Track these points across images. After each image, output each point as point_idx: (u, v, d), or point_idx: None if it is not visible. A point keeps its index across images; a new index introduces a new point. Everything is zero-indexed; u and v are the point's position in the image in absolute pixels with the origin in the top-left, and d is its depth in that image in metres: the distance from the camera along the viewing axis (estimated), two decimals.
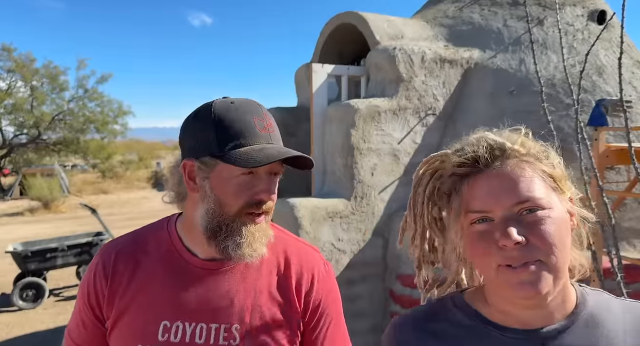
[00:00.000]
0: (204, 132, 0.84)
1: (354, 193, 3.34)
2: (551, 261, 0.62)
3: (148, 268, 0.90)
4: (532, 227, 0.63)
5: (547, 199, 0.64)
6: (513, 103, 3.61)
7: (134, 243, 0.94)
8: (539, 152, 0.70)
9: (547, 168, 0.68)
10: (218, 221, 0.85)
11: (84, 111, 20.18)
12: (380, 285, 3.50)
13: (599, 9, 4.09)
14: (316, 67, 3.69)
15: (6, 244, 6.66)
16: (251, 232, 0.85)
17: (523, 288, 0.62)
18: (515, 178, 0.65)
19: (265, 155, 0.81)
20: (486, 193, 0.66)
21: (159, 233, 0.95)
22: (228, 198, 0.84)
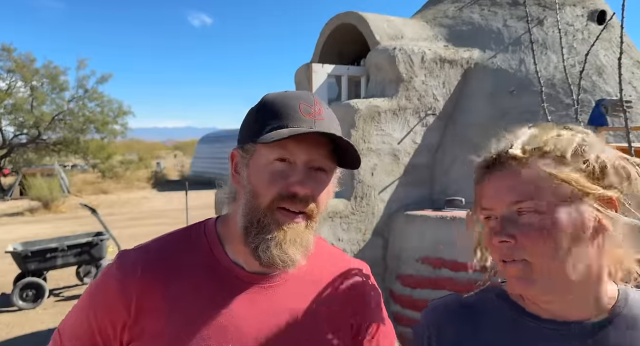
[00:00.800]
0: (249, 119, 0.81)
1: (354, 193, 3.34)
2: (539, 262, 0.65)
3: (183, 284, 0.77)
4: (524, 227, 0.65)
5: (549, 201, 0.65)
6: (513, 103, 3.61)
7: (162, 254, 0.81)
8: (564, 151, 0.67)
9: (563, 170, 0.66)
10: (251, 216, 0.76)
11: (84, 111, 20.19)
12: (380, 285, 3.50)
13: (599, 9, 4.10)
14: (316, 67, 3.69)
15: (6, 244, 6.66)
16: (283, 230, 0.75)
17: (511, 283, 0.68)
18: (518, 179, 0.67)
19: (291, 132, 0.72)
20: (493, 192, 0.70)
21: (194, 240, 0.83)
22: (261, 187, 0.75)
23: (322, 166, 0.78)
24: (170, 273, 0.78)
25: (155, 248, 0.82)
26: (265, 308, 0.79)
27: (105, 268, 0.82)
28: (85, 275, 6.41)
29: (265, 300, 0.79)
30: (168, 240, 0.84)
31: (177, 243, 0.83)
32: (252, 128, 0.78)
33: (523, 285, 0.67)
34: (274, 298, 0.80)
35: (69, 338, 0.82)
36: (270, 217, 0.75)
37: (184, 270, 0.79)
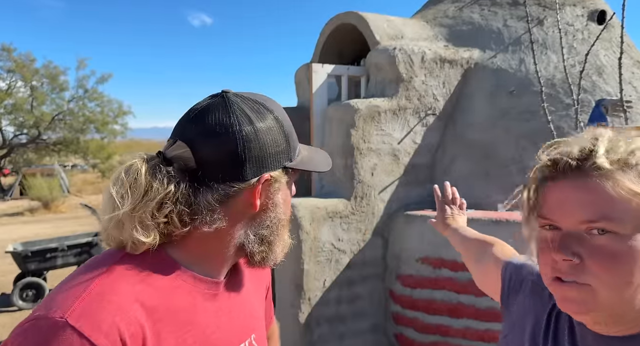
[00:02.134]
0: (277, 138, 0.76)
1: (354, 193, 3.34)
2: (604, 290, 0.58)
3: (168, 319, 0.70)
4: (594, 249, 0.58)
5: (626, 224, 0.56)
6: (513, 103, 3.61)
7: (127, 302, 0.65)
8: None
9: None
10: (277, 232, 0.82)
11: (84, 111, 20.18)
12: (380, 285, 3.50)
13: (599, 9, 4.09)
14: (316, 67, 3.69)
15: (6, 244, 6.66)
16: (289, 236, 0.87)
17: (564, 304, 0.61)
18: (592, 194, 0.58)
19: (325, 160, 0.88)
20: (557, 202, 0.61)
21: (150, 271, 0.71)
22: (289, 206, 0.84)
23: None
24: (145, 313, 0.66)
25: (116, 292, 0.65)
26: (226, 308, 0.82)
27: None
28: None
29: (225, 302, 0.82)
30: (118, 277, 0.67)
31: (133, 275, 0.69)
32: (281, 151, 0.77)
33: (577, 310, 0.60)
34: (230, 298, 0.83)
35: None
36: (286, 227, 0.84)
37: (157, 302, 0.69)
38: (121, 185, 0.70)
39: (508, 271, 0.92)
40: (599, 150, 0.59)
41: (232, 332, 0.81)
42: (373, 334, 3.49)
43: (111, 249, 0.73)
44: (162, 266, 0.72)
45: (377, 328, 3.50)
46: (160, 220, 0.70)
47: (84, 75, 20.33)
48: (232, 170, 0.72)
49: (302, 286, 3.15)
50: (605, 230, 0.57)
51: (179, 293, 0.72)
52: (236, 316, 0.83)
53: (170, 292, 0.71)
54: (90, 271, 0.68)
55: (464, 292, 3.10)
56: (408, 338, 3.34)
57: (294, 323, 3.19)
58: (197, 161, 0.71)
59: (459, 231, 1.33)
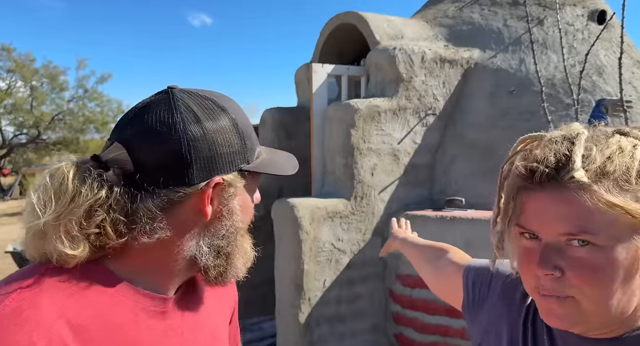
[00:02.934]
0: (230, 139, 0.68)
1: (354, 193, 3.34)
2: (587, 302, 0.57)
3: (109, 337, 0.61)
4: (575, 262, 0.57)
5: (606, 236, 0.55)
6: (513, 103, 3.61)
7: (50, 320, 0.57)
8: (627, 170, 0.56)
9: (624, 199, 0.55)
10: (234, 242, 0.73)
11: (84, 111, 20.20)
12: (380, 285, 3.50)
13: (599, 9, 4.09)
14: (316, 67, 3.69)
15: (6, 244, 6.66)
16: (251, 245, 0.78)
17: (549, 318, 0.61)
18: (570, 206, 0.56)
19: (286, 160, 0.78)
20: (535, 213, 0.59)
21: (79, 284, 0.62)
22: (248, 214, 0.74)
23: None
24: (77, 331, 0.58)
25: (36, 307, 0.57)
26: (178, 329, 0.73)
27: None
28: None
29: (174, 321, 0.72)
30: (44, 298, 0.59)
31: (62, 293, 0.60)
32: (236, 153, 0.69)
33: (561, 324, 0.60)
34: (180, 316, 0.74)
35: None
36: (246, 238, 0.77)
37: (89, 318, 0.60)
38: (44, 191, 0.61)
39: (470, 277, 0.89)
40: (576, 160, 0.56)
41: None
42: (373, 334, 3.49)
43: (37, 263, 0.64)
44: (97, 279, 0.63)
45: (377, 328, 3.50)
46: (90, 230, 0.61)
47: (84, 75, 20.37)
48: (176, 172, 0.64)
49: (302, 286, 3.15)
50: (585, 241, 0.55)
51: (118, 309, 0.63)
52: (191, 338, 0.73)
53: (106, 308, 0.62)
54: (7, 286, 0.59)
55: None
56: (408, 338, 3.34)
57: (294, 323, 3.19)
58: (134, 163, 0.63)
59: (408, 240, 1.27)
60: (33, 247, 0.62)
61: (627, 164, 0.56)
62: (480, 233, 3.02)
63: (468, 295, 0.87)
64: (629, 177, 0.55)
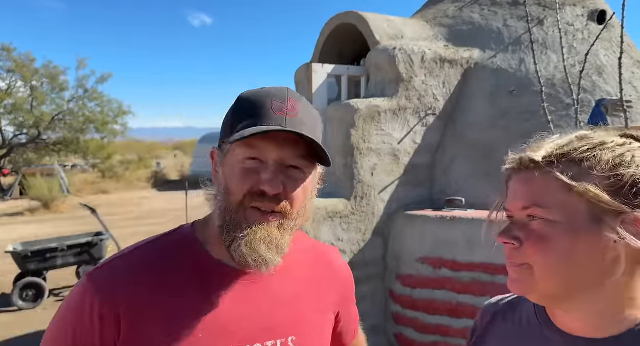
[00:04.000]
0: (226, 119, 0.81)
1: (354, 193, 3.34)
2: (539, 269, 0.64)
3: (173, 292, 0.76)
4: (531, 233, 0.65)
5: (559, 213, 0.62)
6: (513, 103, 3.61)
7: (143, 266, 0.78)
8: (594, 163, 0.61)
9: (591, 182, 0.60)
10: (224, 214, 0.76)
11: (84, 111, 20.17)
12: (380, 285, 3.50)
13: (599, 9, 4.09)
14: (316, 67, 3.69)
15: (6, 244, 6.66)
16: (253, 229, 0.75)
17: (511, 285, 0.68)
18: (531, 184, 0.65)
19: (255, 130, 0.72)
20: (512, 194, 0.69)
21: (173, 247, 0.81)
22: (233, 184, 0.76)
23: (295, 164, 0.77)
24: (156, 283, 0.76)
25: (136, 261, 0.79)
26: (256, 302, 0.80)
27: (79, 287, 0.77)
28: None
29: (255, 294, 0.81)
30: (145, 251, 0.80)
31: (158, 252, 0.80)
32: (226, 128, 0.79)
33: (520, 289, 0.67)
34: (263, 292, 0.82)
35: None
36: (242, 215, 0.75)
37: (171, 278, 0.77)
38: None
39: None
40: (539, 147, 0.67)
41: (259, 325, 0.79)
42: (373, 334, 3.49)
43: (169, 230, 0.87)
44: (187, 248, 0.82)
45: (377, 328, 3.50)
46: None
47: (84, 75, 20.32)
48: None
49: None
50: (538, 216, 0.64)
51: (199, 274, 0.79)
52: (269, 311, 0.81)
53: (189, 272, 0.78)
54: (134, 245, 0.83)
55: (464, 292, 3.10)
56: (408, 338, 3.34)
57: None
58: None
59: None
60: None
61: (597, 156, 0.62)
62: (481, 233, 3.02)
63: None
64: (595, 166, 0.61)
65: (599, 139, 0.65)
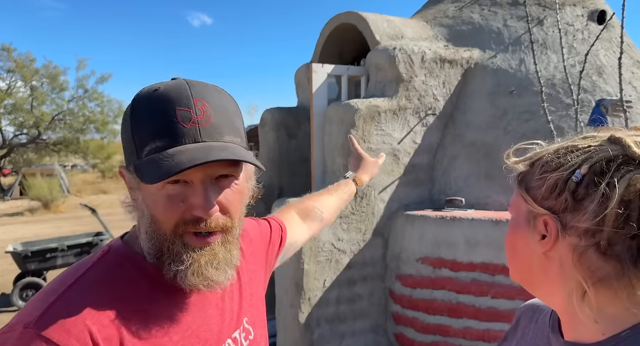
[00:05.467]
0: (125, 133, 0.68)
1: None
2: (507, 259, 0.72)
3: (140, 317, 0.68)
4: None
5: (512, 210, 0.70)
6: (513, 103, 3.61)
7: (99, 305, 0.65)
8: (537, 167, 0.65)
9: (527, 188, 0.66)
10: (158, 243, 0.68)
11: (84, 111, 20.19)
12: (380, 285, 3.50)
13: (599, 9, 4.09)
14: (316, 67, 3.69)
15: (6, 244, 6.66)
16: (196, 257, 0.67)
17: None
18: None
19: (170, 165, 0.61)
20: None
21: (119, 270, 0.70)
22: (159, 213, 0.66)
23: (223, 173, 0.68)
24: (120, 314, 0.65)
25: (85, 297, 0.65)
26: (214, 302, 0.78)
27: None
28: None
29: (210, 295, 0.77)
30: (88, 281, 0.67)
31: (105, 278, 0.68)
32: (129, 146, 0.67)
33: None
34: (216, 291, 0.77)
35: None
36: (179, 244, 0.67)
37: (131, 300, 0.68)
38: None
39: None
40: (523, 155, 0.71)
41: (223, 323, 0.78)
42: (373, 334, 3.49)
43: (94, 253, 0.75)
44: (133, 265, 0.71)
45: (377, 328, 3.50)
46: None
47: (84, 75, 20.36)
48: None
49: (302, 286, 3.15)
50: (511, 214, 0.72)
51: (156, 289, 0.70)
52: (227, 307, 0.81)
53: (147, 290, 0.69)
54: (65, 278, 0.67)
55: (464, 292, 3.10)
56: (408, 338, 3.34)
57: (294, 323, 3.19)
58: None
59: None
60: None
61: (542, 160, 0.65)
62: (481, 233, 3.02)
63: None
64: (536, 169, 0.65)
65: (560, 144, 0.65)
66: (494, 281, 2.97)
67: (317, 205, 1.23)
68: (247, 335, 0.83)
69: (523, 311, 0.87)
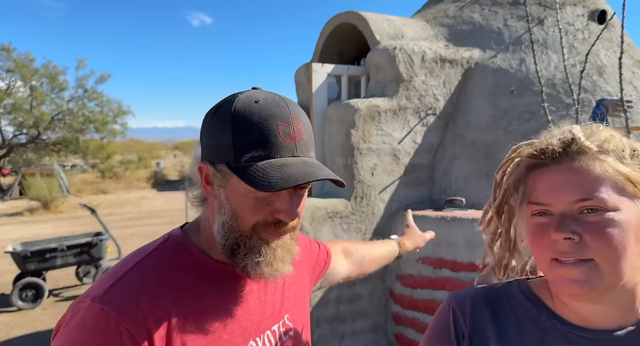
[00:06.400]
0: (221, 134, 0.74)
1: (354, 193, 3.33)
2: (605, 263, 0.61)
3: (189, 301, 0.75)
4: (590, 226, 0.62)
5: (614, 200, 0.61)
6: (513, 103, 3.61)
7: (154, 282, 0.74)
8: (622, 150, 0.65)
9: (627, 169, 0.63)
10: (235, 237, 0.76)
11: (84, 111, 20.17)
12: (380, 285, 3.50)
13: (600, 9, 4.09)
14: (316, 67, 3.68)
15: (6, 244, 6.66)
16: (272, 249, 0.76)
17: (570, 285, 0.63)
18: (581, 175, 0.63)
19: (284, 176, 0.69)
20: (549, 186, 0.65)
21: (174, 256, 0.79)
22: (243, 212, 0.74)
23: (304, 186, 0.78)
24: (172, 293, 0.74)
25: (144, 277, 0.74)
26: (256, 294, 0.85)
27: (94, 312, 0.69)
28: (84, 275, 6.41)
29: (254, 287, 0.84)
30: (146, 266, 0.76)
31: (161, 263, 0.77)
32: (225, 149, 0.73)
33: (580, 289, 0.62)
34: (259, 283, 0.86)
35: None
36: (256, 238, 0.76)
37: (183, 286, 0.76)
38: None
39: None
40: (581, 136, 0.65)
41: (263, 315, 0.85)
42: (373, 334, 3.48)
43: (156, 239, 0.84)
44: (187, 253, 0.80)
45: (377, 328, 3.50)
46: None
47: (84, 75, 20.33)
48: (198, 149, 0.81)
49: None
50: (595, 207, 0.62)
51: (205, 277, 0.78)
52: (267, 300, 0.86)
53: (196, 277, 0.78)
54: (129, 261, 0.78)
55: None
56: (408, 339, 3.34)
57: None
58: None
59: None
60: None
61: (620, 146, 0.65)
62: (481, 233, 3.02)
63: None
64: (625, 155, 0.64)
65: (608, 132, 0.68)
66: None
67: (360, 249, 1.29)
68: (287, 331, 0.90)
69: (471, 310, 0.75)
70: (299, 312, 0.94)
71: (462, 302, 0.77)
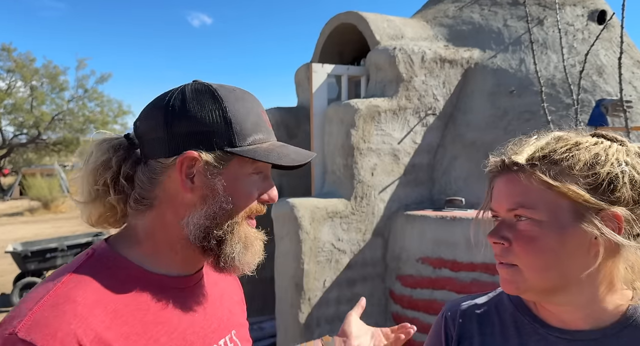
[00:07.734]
0: (213, 119, 0.70)
1: (354, 193, 3.33)
2: (527, 269, 0.66)
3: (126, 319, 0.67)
4: (519, 234, 0.66)
5: (544, 212, 0.64)
6: (513, 103, 3.61)
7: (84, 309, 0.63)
8: (573, 162, 0.65)
9: (571, 181, 0.63)
10: (226, 227, 0.72)
11: (84, 111, 20.19)
12: (380, 285, 3.50)
13: (599, 9, 4.09)
14: (316, 67, 3.69)
15: (6, 244, 6.66)
16: (258, 240, 0.76)
17: (502, 283, 0.70)
18: (514, 186, 0.67)
19: (291, 156, 0.73)
20: (496, 195, 0.71)
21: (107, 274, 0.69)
22: (240, 199, 0.72)
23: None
24: (110, 313, 0.65)
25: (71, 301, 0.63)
26: (199, 306, 0.79)
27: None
28: None
29: (196, 299, 0.78)
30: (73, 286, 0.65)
31: (89, 282, 0.67)
32: (222, 134, 0.70)
33: (511, 288, 0.69)
34: (202, 296, 0.80)
35: None
36: (246, 227, 0.74)
37: (118, 306, 0.67)
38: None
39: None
40: (521, 149, 0.69)
41: (209, 328, 0.78)
42: None
43: (78, 255, 0.74)
44: (119, 268, 0.71)
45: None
46: (98, 186, 0.73)
47: (84, 75, 20.35)
48: (160, 144, 0.70)
49: (302, 286, 3.15)
50: (524, 216, 0.65)
51: (143, 292, 0.70)
52: (212, 313, 0.80)
53: (134, 293, 0.69)
54: (50, 281, 0.66)
55: (464, 292, 3.10)
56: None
57: (294, 323, 3.19)
58: (137, 136, 0.73)
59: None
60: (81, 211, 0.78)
61: (575, 156, 0.65)
62: (481, 233, 3.02)
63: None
64: (574, 166, 0.64)
65: (574, 140, 0.69)
66: (494, 282, 2.97)
67: None
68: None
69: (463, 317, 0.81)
70: (244, 331, 0.89)
71: (454, 311, 0.83)
